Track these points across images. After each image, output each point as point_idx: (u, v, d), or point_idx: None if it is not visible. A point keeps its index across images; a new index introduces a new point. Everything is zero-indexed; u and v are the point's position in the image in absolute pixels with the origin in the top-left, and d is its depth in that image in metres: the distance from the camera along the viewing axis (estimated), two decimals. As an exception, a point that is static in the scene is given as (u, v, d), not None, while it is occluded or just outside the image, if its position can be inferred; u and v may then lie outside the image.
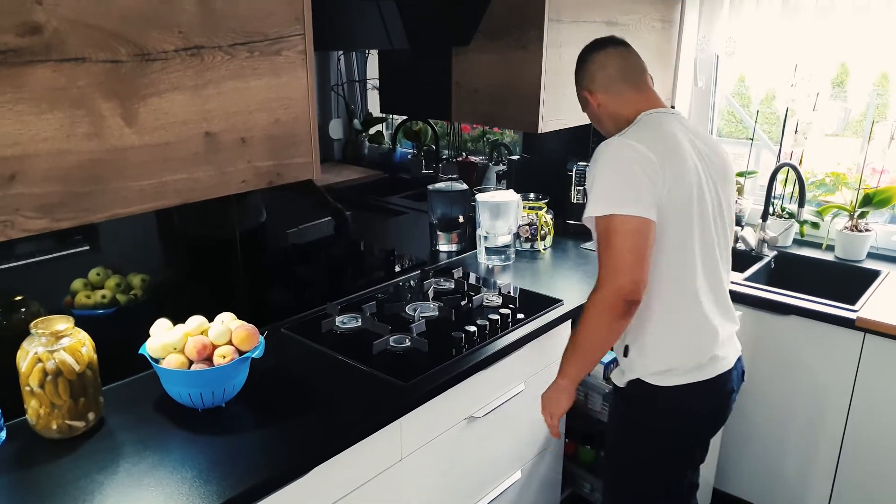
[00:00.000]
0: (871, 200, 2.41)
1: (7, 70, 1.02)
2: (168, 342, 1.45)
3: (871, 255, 2.47)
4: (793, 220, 2.54)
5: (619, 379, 1.64)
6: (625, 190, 1.42)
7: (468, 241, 2.56)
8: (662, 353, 1.55)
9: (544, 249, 2.57)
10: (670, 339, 1.54)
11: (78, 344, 1.38)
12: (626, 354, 1.60)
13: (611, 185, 1.44)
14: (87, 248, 1.56)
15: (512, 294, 2.10)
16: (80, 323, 1.46)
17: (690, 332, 1.55)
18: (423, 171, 2.83)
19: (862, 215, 2.44)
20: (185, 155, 1.27)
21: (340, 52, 2.51)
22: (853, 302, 2.11)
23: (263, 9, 1.31)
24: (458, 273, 2.27)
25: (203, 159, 1.30)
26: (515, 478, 2.03)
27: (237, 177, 1.36)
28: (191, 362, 1.46)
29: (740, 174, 2.70)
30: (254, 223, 1.97)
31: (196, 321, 1.51)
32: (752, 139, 2.70)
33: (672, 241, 1.48)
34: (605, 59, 1.60)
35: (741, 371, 1.67)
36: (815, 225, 2.57)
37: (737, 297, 2.18)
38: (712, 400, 1.61)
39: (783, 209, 2.59)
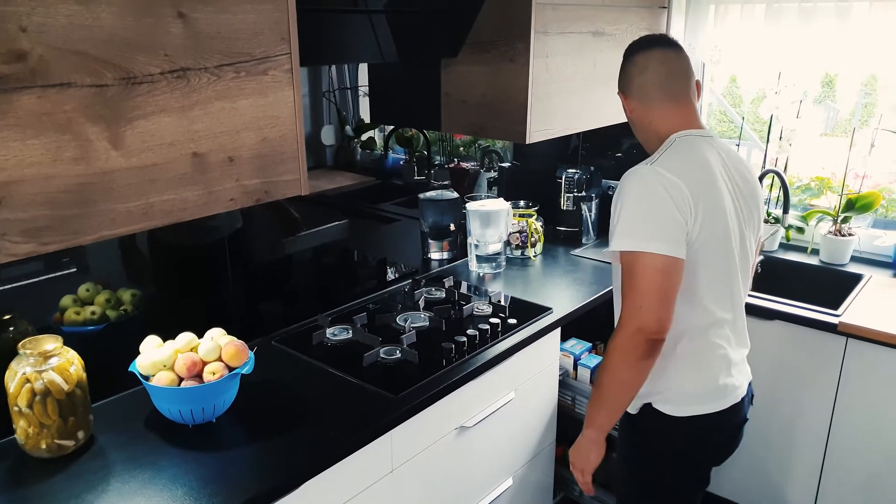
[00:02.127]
0: (853, 205, 2.44)
1: (-7, 97, 1.03)
2: (158, 359, 1.46)
3: (854, 259, 2.49)
4: (778, 225, 2.56)
5: (632, 404, 1.55)
6: (653, 225, 1.34)
7: (459, 248, 2.58)
8: (677, 383, 1.50)
9: (535, 256, 2.58)
10: (686, 370, 1.49)
11: (67, 363, 1.39)
12: None
13: (638, 218, 1.36)
14: (74, 269, 1.56)
15: (502, 303, 2.11)
16: (70, 340, 1.47)
17: (708, 362, 1.49)
18: (416, 178, 2.84)
19: (845, 220, 2.47)
20: (172, 176, 1.27)
21: (332, 61, 2.53)
22: (836, 306, 2.14)
23: (249, 29, 1.32)
24: (449, 282, 2.28)
25: (191, 179, 1.30)
26: (507, 485, 2.05)
27: (225, 196, 1.37)
28: (181, 379, 1.47)
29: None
30: (231, 230, 1.93)
31: (185, 338, 1.52)
32: (739, 139, 2.72)
33: (702, 275, 1.42)
34: (646, 61, 1.49)
35: (751, 396, 1.63)
36: (801, 230, 2.59)
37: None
38: (724, 431, 1.57)
39: (769, 214, 2.62)
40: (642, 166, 1.42)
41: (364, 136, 2.77)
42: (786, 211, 2.44)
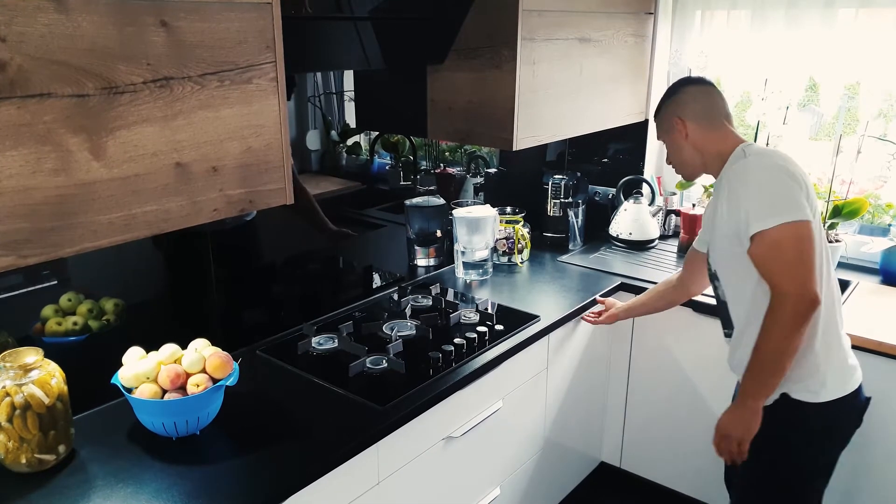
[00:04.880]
0: (840, 212, 2.45)
1: (-30, 108, 1.01)
2: (141, 371, 1.44)
3: (841, 265, 2.51)
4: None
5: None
6: (789, 197, 1.45)
7: (446, 255, 2.57)
8: (813, 367, 1.55)
9: (521, 263, 2.58)
10: (821, 352, 1.55)
11: (48, 376, 1.36)
12: None
13: (773, 195, 1.46)
14: (55, 282, 1.54)
15: (489, 311, 2.10)
16: (51, 351, 1.45)
17: (838, 342, 1.57)
18: (402, 183, 2.83)
19: (832, 226, 2.48)
20: (155, 186, 1.26)
21: (317, 65, 2.51)
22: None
23: (233, 38, 1.31)
24: (435, 289, 2.27)
25: (174, 190, 1.29)
26: (495, 494, 2.04)
27: (209, 206, 1.35)
28: (164, 391, 1.45)
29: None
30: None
31: (169, 349, 1.50)
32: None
33: (818, 254, 1.49)
34: (696, 92, 1.67)
35: None
36: (787, 236, 2.60)
37: (712, 311, 2.20)
38: (854, 413, 1.63)
39: (756, 220, 2.63)
40: (750, 158, 1.54)
41: (349, 141, 2.75)
42: (771, 217, 2.46)
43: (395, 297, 2.22)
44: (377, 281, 2.44)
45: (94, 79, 1.13)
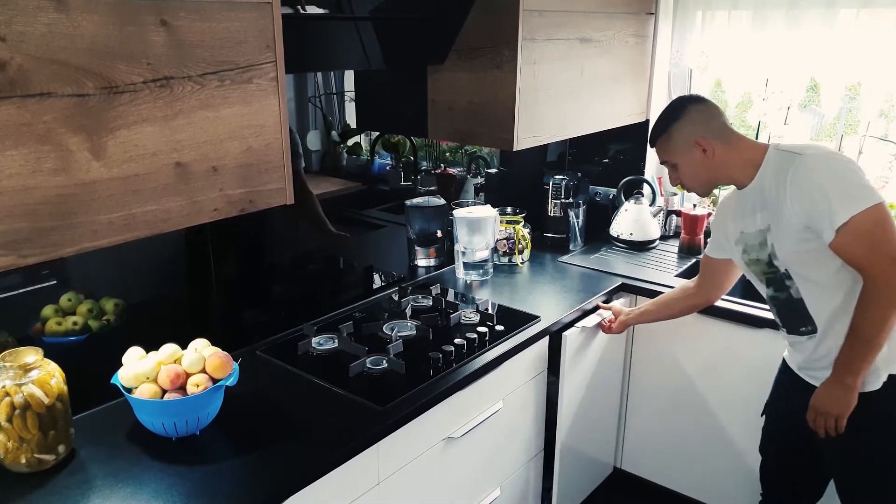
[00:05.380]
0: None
1: (-30, 107, 1.01)
2: (140, 372, 1.44)
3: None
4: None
5: (873, 381, 1.61)
6: (861, 183, 1.51)
7: (446, 255, 2.57)
8: None
9: (522, 263, 2.58)
10: None
11: (47, 376, 1.36)
12: None
13: (850, 183, 1.51)
14: (55, 282, 1.53)
15: (490, 311, 2.10)
16: (51, 351, 1.45)
17: None
18: (402, 183, 2.83)
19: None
20: (155, 186, 1.26)
21: (318, 65, 2.51)
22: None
23: (234, 38, 1.30)
24: (436, 289, 2.27)
25: (174, 190, 1.29)
26: (495, 495, 2.04)
27: (209, 206, 1.35)
28: (164, 391, 1.45)
29: (714, 186, 2.74)
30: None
31: (169, 349, 1.50)
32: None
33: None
34: (703, 110, 1.69)
35: None
36: (788, 237, 2.60)
37: (714, 311, 2.20)
38: None
39: (757, 221, 2.62)
40: (810, 155, 1.56)
41: (350, 142, 2.75)
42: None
43: (396, 297, 2.22)
44: (377, 281, 2.44)
45: (95, 78, 1.12)
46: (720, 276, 1.95)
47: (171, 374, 1.44)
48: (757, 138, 2.59)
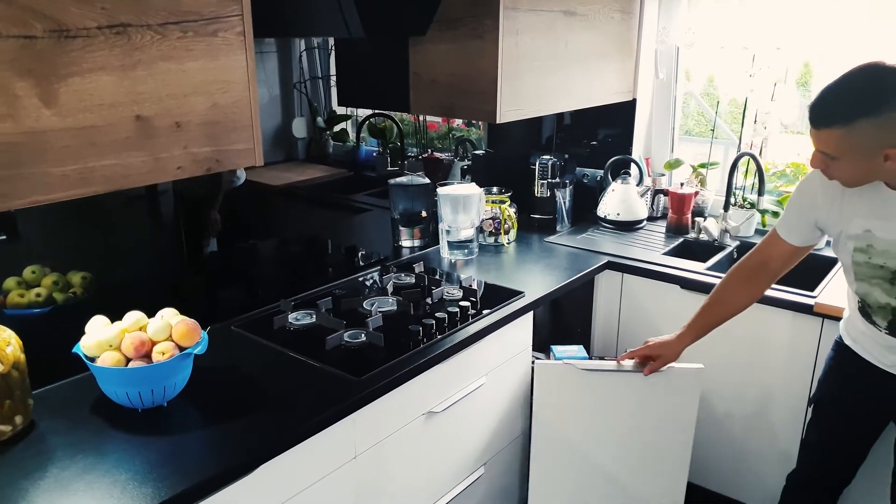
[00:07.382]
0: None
1: None
2: (103, 339, 1.38)
3: (829, 243, 2.46)
4: (754, 209, 2.53)
5: None
6: None
7: (431, 236, 2.51)
8: None
9: (508, 243, 2.53)
10: None
11: (2, 343, 1.30)
12: None
13: None
14: (4, 237, 1.47)
15: (473, 287, 2.05)
16: (13, 323, 1.39)
17: None
18: (389, 169, 2.77)
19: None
20: (114, 139, 1.20)
21: (303, 49, 2.46)
22: (812, 288, 2.10)
23: (196, -14, 1.25)
24: (419, 268, 2.22)
25: (134, 144, 1.23)
26: (479, 474, 1.98)
27: (172, 163, 1.30)
28: (128, 360, 1.39)
29: (702, 165, 2.69)
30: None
31: (134, 317, 1.44)
32: (713, 131, 2.69)
33: None
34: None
35: None
36: (776, 214, 2.56)
37: (700, 287, 2.16)
38: None
39: (745, 199, 2.58)
40: None
41: (336, 128, 2.70)
42: (761, 193, 2.41)
43: (377, 276, 2.16)
44: (360, 262, 2.38)
45: (43, 20, 1.07)
46: (791, 259, 1.78)
47: (135, 341, 1.38)
48: (744, 115, 2.56)
